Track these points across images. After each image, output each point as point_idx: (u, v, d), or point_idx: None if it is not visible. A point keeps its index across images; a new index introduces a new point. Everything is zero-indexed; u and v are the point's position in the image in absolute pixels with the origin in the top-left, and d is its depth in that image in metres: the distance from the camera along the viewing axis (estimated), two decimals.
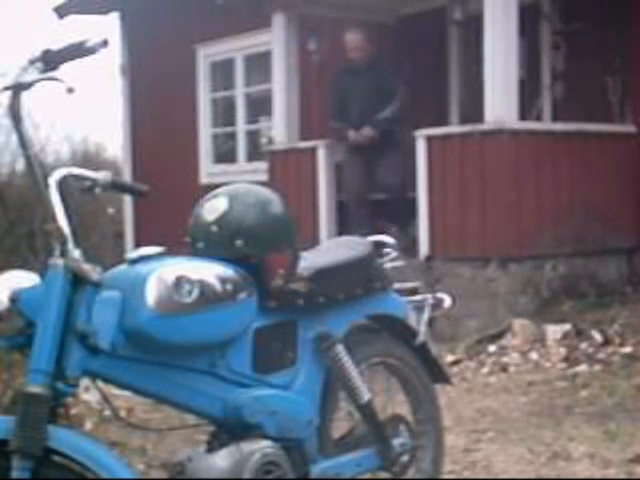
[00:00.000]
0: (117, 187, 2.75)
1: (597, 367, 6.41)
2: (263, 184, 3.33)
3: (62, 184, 2.61)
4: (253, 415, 2.92)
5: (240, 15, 10.11)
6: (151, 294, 2.66)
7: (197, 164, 11.74)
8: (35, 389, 2.49)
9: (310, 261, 3.18)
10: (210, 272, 2.81)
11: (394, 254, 3.51)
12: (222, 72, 11.58)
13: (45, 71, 2.70)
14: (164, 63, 11.89)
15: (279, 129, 9.40)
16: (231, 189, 3.06)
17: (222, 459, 2.82)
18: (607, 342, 6.77)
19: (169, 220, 9.86)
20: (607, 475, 4.25)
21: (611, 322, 7.06)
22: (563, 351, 6.73)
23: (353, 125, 8.51)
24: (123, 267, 2.80)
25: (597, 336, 6.85)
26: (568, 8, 8.81)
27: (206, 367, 2.87)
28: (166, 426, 4.03)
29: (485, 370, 6.70)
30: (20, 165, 12.34)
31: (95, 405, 4.87)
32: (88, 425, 4.70)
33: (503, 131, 7.48)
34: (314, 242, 5.08)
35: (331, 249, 3.46)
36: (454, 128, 8.86)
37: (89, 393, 4.42)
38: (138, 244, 11.51)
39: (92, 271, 2.60)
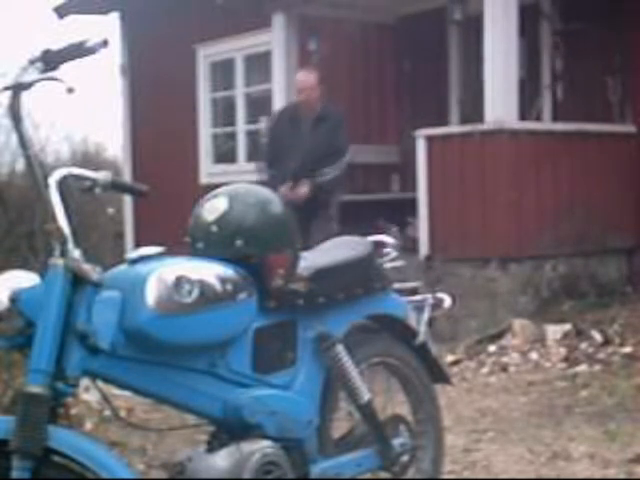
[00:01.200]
0: (117, 187, 2.75)
1: (597, 367, 6.41)
2: None
3: (62, 184, 2.61)
4: (253, 415, 2.92)
5: (240, 15, 10.11)
6: (151, 294, 2.66)
7: (197, 164, 11.73)
8: (35, 389, 2.49)
9: (310, 261, 3.18)
10: (210, 272, 2.80)
11: (394, 254, 3.51)
12: (222, 72, 11.56)
13: (45, 71, 2.70)
14: (164, 63, 11.87)
15: None
16: (231, 189, 3.06)
17: (222, 459, 2.82)
18: (607, 342, 6.77)
19: (169, 220, 9.85)
20: (607, 475, 4.25)
21: (611, 322, 7.06)
22: (563, 351, 6.74)
23: (288, 179, 7.32)
24: (123, 267, 2.80)
25: (597, 336, 6.85)
26: (568, 8, 8.81)
27: (206, 367, 2.87)
28: (166, 426, 4.04)
29: (485, 370, 6.70)
30: (20, 165, 12.34)
31: (95, 405, 4.87)
32: (88, 425, 4.70)
33: (503, 131, 7.48)
34: None
35: (331, 249, 3.45)
36: (454, 128, 8.86)
37: (89, 393, 4.42)
38: (138, 244, 11.51)
39: (92, 271, 2.60)
